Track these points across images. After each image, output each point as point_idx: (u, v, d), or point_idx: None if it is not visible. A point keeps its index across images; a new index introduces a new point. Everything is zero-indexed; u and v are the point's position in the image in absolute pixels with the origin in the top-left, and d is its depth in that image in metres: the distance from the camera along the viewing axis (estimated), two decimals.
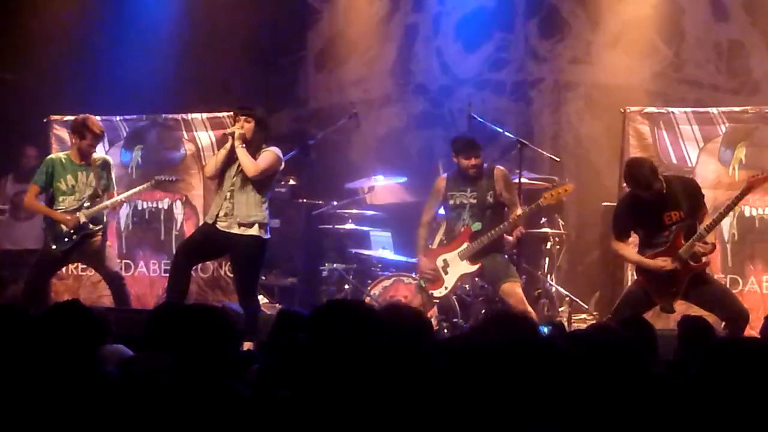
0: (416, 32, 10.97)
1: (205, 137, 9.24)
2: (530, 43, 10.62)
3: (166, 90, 10.33)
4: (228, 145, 7.32)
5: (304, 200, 9.52)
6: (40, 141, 9.79)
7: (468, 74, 10.74)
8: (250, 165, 7.18)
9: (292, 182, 9.76)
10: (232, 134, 7.26)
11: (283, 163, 7.52)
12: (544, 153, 8.89)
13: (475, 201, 7.47)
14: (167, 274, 8.01)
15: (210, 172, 7.47)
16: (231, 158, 7.31)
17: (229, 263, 8.51)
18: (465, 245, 7.46)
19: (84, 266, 9.06)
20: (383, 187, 9.63)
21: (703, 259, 6.74)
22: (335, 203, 9.20)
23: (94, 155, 8.20)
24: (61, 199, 8.04)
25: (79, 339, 4.04)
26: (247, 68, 11.01)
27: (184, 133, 9.30)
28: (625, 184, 7.16)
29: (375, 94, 11.05)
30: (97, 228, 8.07)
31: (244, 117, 7.30)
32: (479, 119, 8.42)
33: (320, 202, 9.42)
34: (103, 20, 10.84)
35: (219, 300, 8.79)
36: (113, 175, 8.27)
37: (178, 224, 9.28)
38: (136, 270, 9.37)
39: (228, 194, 7.29)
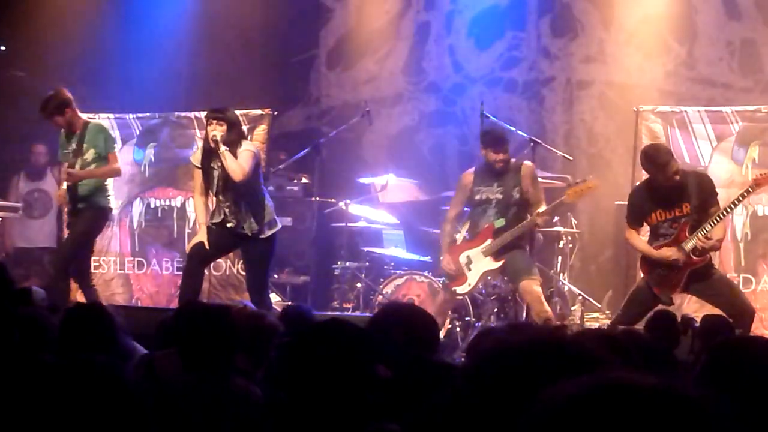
0: (428, 30, 10.96)
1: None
2: (542, 42, 10.60)
3: (178, 88, 10.34)
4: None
5: (317, 198, 9.52)
6: (51, 139, 9.81)
7: (480, 72, 10.72)
8: (237, 170, 7.09)
9: (304, 180, 9.77)
10: (215, 141, 7.10)
11: (260, 154, 7.49)
12: (557, 152, 8.84)
13: (501, 196, 7.40)
14: (180, 272, 8.02)
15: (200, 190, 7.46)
16: (209, 168, 7.28)
17: (241, 262, 8.52)
18: (488, 242, 7.42)
19: (96, 264, 9.09)
20: (395, 185, 9.62)
21: (709, 255, 6.70)
22: (348, 201, 9.20)
23: (86, 121, 7.94)
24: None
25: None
26: (259, 66, 11.01)
27: (197, 130, 9.31)
28: (639, 177, 7.14)
29: (387, 93, 11.04)
30: (79, 206, 7.74)
31: (216, 120, 7.17)
32: (491, 117, 8.41)
33: (332, 200, 9.41)
34: (115, 18, 10.86)
35: (231, 298, 8.81)
36: (102, 137, 7.80)
37: (191, 222, 9.28)
38: (148, 267, 9.38)
39: (222, 197, 7.28)
